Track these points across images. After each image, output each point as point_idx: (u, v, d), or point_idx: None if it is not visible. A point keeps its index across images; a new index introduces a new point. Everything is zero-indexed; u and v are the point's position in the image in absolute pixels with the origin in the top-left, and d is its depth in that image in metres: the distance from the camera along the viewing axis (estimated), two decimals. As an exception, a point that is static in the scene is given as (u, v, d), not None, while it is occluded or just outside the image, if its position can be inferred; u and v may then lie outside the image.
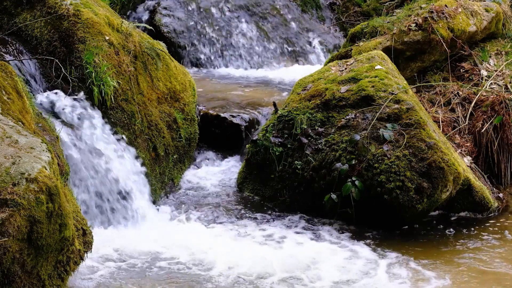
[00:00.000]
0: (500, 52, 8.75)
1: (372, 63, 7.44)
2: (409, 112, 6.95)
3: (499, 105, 7.76)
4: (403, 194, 6.64)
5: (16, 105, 5.62)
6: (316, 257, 6.15)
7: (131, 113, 7.01)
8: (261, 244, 6.41)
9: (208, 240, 6.38)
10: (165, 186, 7.27)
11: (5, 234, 4.56)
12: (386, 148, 6.77)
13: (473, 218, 7.16)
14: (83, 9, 7.00)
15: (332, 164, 6.89)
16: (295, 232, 6.69)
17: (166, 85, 7.54)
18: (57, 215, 4.86)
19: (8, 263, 4.63)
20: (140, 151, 6.99)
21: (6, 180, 4.70)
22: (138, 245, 6.17)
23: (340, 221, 6.82)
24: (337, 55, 8.60)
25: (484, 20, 8.77)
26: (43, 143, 5.12)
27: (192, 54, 10.50)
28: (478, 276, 5.96)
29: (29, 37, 6.90)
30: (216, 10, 10.98)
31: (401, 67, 8.14)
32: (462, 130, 7.87)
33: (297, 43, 11.12)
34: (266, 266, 5.92)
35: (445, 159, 6.70)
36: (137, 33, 7.43)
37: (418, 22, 8.30)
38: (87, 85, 6.75)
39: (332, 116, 7.19)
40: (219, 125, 8.06)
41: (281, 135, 7.28)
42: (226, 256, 6.03)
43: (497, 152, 7.71)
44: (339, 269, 5.99)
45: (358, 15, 11.59)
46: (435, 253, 6.38)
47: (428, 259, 6.24)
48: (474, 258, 6.30)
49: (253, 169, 7.41)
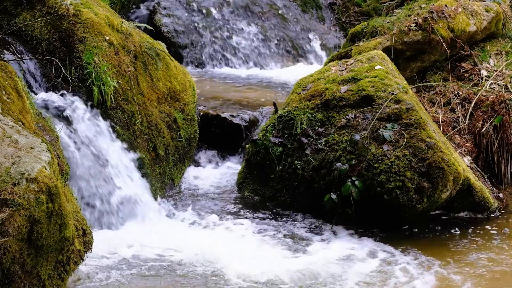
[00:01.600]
0: (500, 52, 8.75)
1: (372, 63, 7.44)
2: (409, 112, 6.95)
3: (499, 105, 7.76)
4: (403, 194, 6.63)
5: (16, 105, 5.62)
6: (315, 256, 6.16)
7: (131, 113, 7.01)
8: (261, 243, 6.41)
9: (208, 240, 6.38)
10: (165, 186, 7.27)
11: (5, 234, 4.56)
12: (386, 148, 6.77)
13: (473, 218, 7.16)
14: (83, 9, 7.00)
15: (332, 164, 6.89)
16: (295, 232, 6.69)
17: (166, 85, 7.54)
18: (57, 215, 4.86)
19: (8, 263, 4.63)
20: (140, 151, 6.99)
21: (6, 180, 4.70)
22: (138, 245, 6.17)
23: (340, 221, 6.82)
24: (337, 55, 8.60)
25: (484, 20, 8.77)
26: (43, 143, 5.12)
27: (192, 54, 10.50)
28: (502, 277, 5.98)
29: (29, 37, 6.90)
30: (216, 10, 10.98)
31: (401, 67, 8.14)
32: (462, 130, 7.87)
33: (297, 43, 11.12)
34: (266, 265, 5.92)
35: (445, 159, 6.70)
36: (137, 33, 7.43)
37: (418, 22, 8.30)
38: (87, 85, 6.75)
39: (332, 116, 7.19)
40: (219, 125, 8.06)
41: (281, 135, 7.28)
42: (227, 256, 6.03)
43: (497, 152, 7.71)
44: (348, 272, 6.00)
45: (358, 15, 11.59)
46: (448, 253, 6.41)
47: (438, 259, 6.27)
48: (489, 259, 6.31)
49: (253, 169, 7.41)
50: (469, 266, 6.17)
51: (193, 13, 10.81)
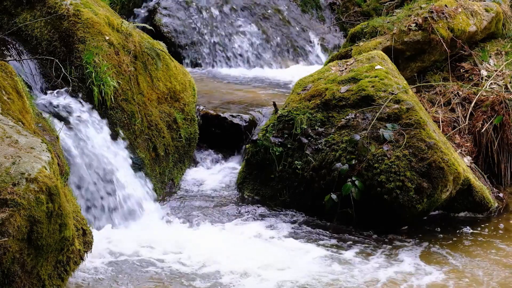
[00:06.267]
0: (500, 52, 8.75)
1: (372, 63, 7.44)
2: (409, 112, 6.95)
3: (499, 105, 7.76)
4: (403, 194, 6.64)
5: (16, 105, 5.62)
6: (313, 256, 6.17)
7: (131, 113, 7.01)
8: (261, 244, 6.42)
9: (208, 240, 6.38)
10: (165, 186, 7.27)
11: (5, 234, 4.56)
12: (386, 148, 6.77)
13: (474, 218, 7.16)
14: (83, 9, 7.00)
15: (332, 164, 6.89)
16: (295, 232, 6.69)
17: (166, 85, 7.54)
18: (57, 215, 4.86)
19: (8, 263, 4.63)
20: (140, 151, 6.99)
21: (6, 180, 4.70)
22: (138, 245, 6.17)
23: (340, 221, 6.82)
24: (337, 55, 8.60)
25: (484, 20, 8.77)
26: (43, 143, 5.12)
27: (192, 54, 10.50)
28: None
29: (29, 37, 6.90)
30: (216, 10, 10.98)
31: (401, 67, 8.14)
32: (462, 130, 7.87)
33: (297, 43, 11.13)
34: (266, 265, 5.93)
35: (445, 159, 6.70)
36: (137, 33, 7.44)
37: (418, 22, 8.30)
38: (87, 85, 6.75)
39: (332, 116, 7.19)
40: (219, 125, 8.07)
41: (281, 135, 7.28)
42: (227, 255, 6.03)
43: (497, 152, 7.71)
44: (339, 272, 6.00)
45: (358, 15, 11.59)
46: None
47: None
48: (490, 259, 6.31)
49: (253, 169, 7.41)
50: (469, 266, 6.17)
51: (193, 13, 10.81)
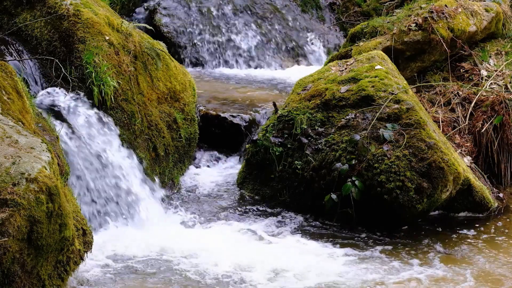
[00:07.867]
0: (500, 52, 8.75)
1: (372, 63, 7.44)
2: (409, 112, 6.95)
3: (499, 105, 7.76)
4: (403, 194, 6.64)
5: (16, 105, 5.62)
6: (315, 256, 6.17)
7: (131, 113, 7.01)
8: (261, 243, 6.42)
9: (208, 240, 6.38)
10: (165, 186, 7.27)
11: (5, 234, 4.56)
12: (386, 148, 6.77)
13: (474, 218, 7.16)
14: (83, 9, 7.00)
15: (332, 164, 6.89)
16: (295, 232, 6.69)
17: (166, 85, 7.54)
18: (57, 215, 4.86)
19: (8, 263, 4.63)
20: (140, 151, 6.99)
21: (6, 180, 4.70)
22: (137, 245, 6.17)
23: (340, 221, 6.82)
24: (337, 55, 8.60)
25: (484, 20, 8.77)
26: (43, 143, 5.12)
27: (192, 54, 10.50)
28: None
29: (29, 37, 6.90)
30: (216, 10, 10.97)
31: (401, 67, 8.14)
32: (462, 130, 7.87)
33: (297, 43, 11.12)
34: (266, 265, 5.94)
35: (445, 159, 6.70)
36: (137, 33, 7.43)
37: (418, 22, 8.30)
38: (87, 85, 6.75)
39: (332, 116, 7.19)
40: (219, 125, 8.07)
41: (281, 135, 7.28)
42: (227, 255, 6.03)
43: (497, 152, 7.71)
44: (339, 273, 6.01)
45: (358, 15, 11.58)
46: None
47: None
48: (490, 259, 6.31)
49: (253, 169, 7.41)
50: (469, 266, 6.16)
51: (193, 13, 10.81)
